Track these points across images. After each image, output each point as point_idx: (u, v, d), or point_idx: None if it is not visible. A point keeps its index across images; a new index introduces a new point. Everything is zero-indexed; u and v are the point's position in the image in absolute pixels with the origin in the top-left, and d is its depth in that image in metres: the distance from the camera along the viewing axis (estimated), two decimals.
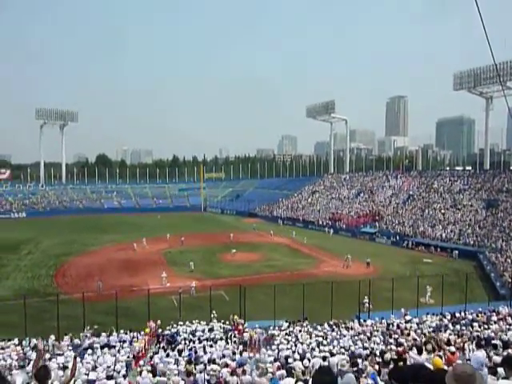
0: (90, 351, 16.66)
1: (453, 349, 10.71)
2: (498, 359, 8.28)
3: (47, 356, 15.01)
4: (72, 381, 11.45)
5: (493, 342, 13.32)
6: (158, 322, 21.57)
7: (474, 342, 13.39)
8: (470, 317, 21.01)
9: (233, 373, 11.58)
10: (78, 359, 14.65)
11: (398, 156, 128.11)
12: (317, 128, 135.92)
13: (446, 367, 6.62)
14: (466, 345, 12.95)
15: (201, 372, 12.14)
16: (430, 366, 6.32)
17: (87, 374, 12.53)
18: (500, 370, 6.09)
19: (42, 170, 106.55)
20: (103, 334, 19.20)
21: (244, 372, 11.45)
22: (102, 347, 17.47)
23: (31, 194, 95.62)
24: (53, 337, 18.41)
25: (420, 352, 10.42)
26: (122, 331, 20.03)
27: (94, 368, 13.58)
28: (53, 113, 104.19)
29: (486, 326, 17.64)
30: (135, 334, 19.90)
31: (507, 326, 17.28)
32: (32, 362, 12.34)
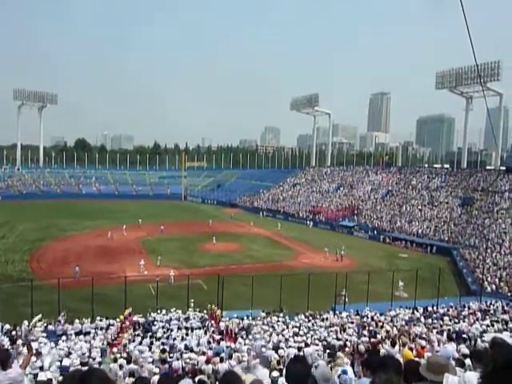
0: (64, 337, 16.49)
1: (423, 342, 11.02)
2: (466, 352, 8.57)
3: (19, 342, 14.79)
4: (47, 365, 11.35)
5: (462, 335, 13.77)
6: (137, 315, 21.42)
7: (445, 336, 13.78)
8: (442, 311, 21.62)
9: (208, 361, 11.65)
10: (51, 345, 14.50)
11: (378, 152, 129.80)
12: (300, 121, 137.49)
13: (416, 359, 6.81)
14: (435, 338, 13.32)
15: (178, 359, 12.19)
16: (400, 358, 6.50)
17: (61, 361, 12.42)
18: (467, 362, 6.32)
19: (19, 153, 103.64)
20: (77, 320, 19.01)
21: (221, 360, 11.54)
22: (76, 334, 17.32)
23: (7, 176, 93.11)
24: (26, 322, 18.13)
25: (393, 345, 10.70)
26: (97, 318, 19.86)
27: (68, 354, 13.47)
28: (31, 94, 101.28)
29: (456, 320, 18.18)
30: (111, 321, 19.77)
31: (476, 321, 17.85)
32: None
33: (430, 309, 22.51)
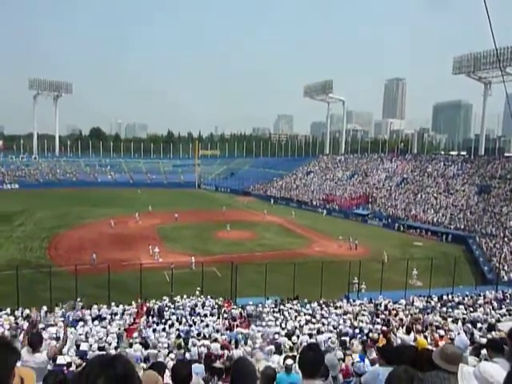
0: (81, 323, 16.84)
1: (442, 332, 10.95)
2: (482, 341, 8.49)
3: (40, 326, 15.17)
4: (66, 349, 11.64)
5: (478, 324, 13.65)
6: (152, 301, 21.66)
7: (460, 324, 13.68)
8: (457, 299, 21.43)
9: (223, 347, 11.79)
10: (69, 329, 14.82)
11: (393, 139, 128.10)
12: (313, 108, 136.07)
13: (430, 347, 6.78)
14: (452, 326, 13.23)
15: (194, 345, 12.35)
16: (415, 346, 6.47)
17: (78, 346, 12.70)
18: (483, 351, 6.25)
19: (35, 142, 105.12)
20: (94, 306, 19.38)
21: (236, 346, 11.68)
22: (93, 319, 17.67)
23: (24, 165, 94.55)
24: (45, 308, 18.56)
25: (408, 332, 10.66)
26: (113, 304, 20.20)
27: (86, 339, 13.76)
28: (47, 83, 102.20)
29: (471, 309, 18.02)
30: (126, 306, 20.10)
31: (492, 310, 17.67)
32: (24, 331, 12.48)
33: (444, 297, 22.34)
